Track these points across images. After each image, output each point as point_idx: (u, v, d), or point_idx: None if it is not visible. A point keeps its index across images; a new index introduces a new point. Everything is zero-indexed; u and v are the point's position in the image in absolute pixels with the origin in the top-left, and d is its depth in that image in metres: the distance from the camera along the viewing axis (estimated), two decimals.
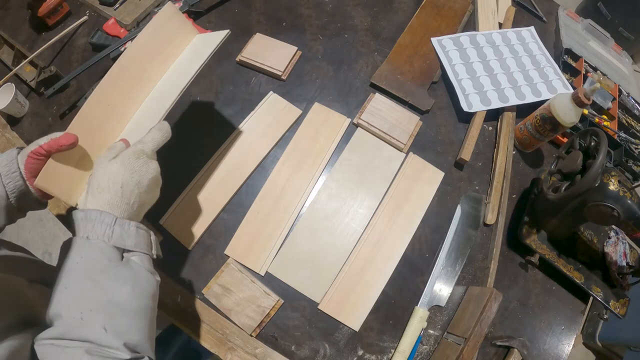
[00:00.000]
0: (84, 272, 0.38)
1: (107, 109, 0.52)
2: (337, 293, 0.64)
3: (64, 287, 0.38)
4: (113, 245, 0.40)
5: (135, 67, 0.54)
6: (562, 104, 0.67)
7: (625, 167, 0.81)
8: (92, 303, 0.37)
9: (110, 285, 0.38)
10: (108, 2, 0.82)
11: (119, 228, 0.41)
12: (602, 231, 0.75)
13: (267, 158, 0.72)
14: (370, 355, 0.62)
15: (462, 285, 0.68)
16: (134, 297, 0.39)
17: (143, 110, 0.55)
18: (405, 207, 0.70)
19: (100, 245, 0.40)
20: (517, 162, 0.79)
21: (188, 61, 0.57)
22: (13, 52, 0.78)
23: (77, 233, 0.41)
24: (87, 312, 0.36)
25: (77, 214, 0.41)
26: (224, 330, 0.61)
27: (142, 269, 0.42)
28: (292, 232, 0.66)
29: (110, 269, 0.39)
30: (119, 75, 0.52)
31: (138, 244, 0.42)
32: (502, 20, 0.92)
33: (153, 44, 0.55)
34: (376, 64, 0.82)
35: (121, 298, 0.38)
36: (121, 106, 0.53)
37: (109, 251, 0.40)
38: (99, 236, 0.40)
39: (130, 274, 0.40)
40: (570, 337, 0.69)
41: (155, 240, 0.46)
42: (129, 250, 0.42)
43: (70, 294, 0.37)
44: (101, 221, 0.40)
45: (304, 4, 0.87)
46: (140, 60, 0.54)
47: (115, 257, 0.40)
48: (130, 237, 0.42)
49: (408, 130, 0.74)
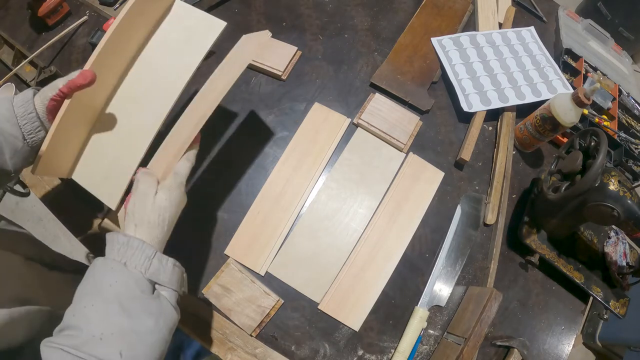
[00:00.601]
0: (115, 297, 0.39)
1: None
2: (337, 293, 0.64)
3: (91, 304, 0.38)
4: (148, 278, 0.41)
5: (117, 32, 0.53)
6: (562, 104, 0.67)
7: (625, 167, 0.81)
8: (115, 327, 0.38)
9: (137, 315, 0.39)
10: (108, 2, 0.82)
11: (157, 262, 0.42)
12: (602, 231, 0.75)
13: (267, 158, 0.72)
14: (370, 355, 0.62)
15: (462, 285, 0.68)
16: (156, 330, 0.40)
17: (133, 82, 0.55)
18: (405, 207, 0.70)
19: (136, 275, 0.40)
20: (517, 162, 0.79)
21: (179, 40, 0.57)
22: (13, 52, 0.78)
23: (112, 254, 0.41)
24: (108, 335, 0.37)
25: (119, 238, 0.42)
26: (224, 330, 0.61)
27: (169, 304, 0.42)
28: (292, 232, 0.66)
29: (140, 300, 0.40)
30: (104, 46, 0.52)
31: (171, 281, 0.43)
32: (502, 20, 0.92)
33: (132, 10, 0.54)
34: (376, 64, 0.82)
35: (144, 329, 0.39)
36: (101, 72, 0.52)
37: (142, 282, 0.41)
38: (137, 266, 0.41)
39: (158, 308, 0.41)
40: (570, 337, 0.69)
41: (186, 277, 0.47)
42: (161, 285, 0.43)
43: (96, 313, 0.38)
44: (142, 251, 0.41)
45: (304, 4, 0.87)
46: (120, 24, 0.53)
47: (147, 290, 0.41)
48: (166, 273, 0.43)
49: (408, 130, 0.74)
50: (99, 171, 0.53)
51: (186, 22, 0.58)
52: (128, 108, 0.55)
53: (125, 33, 0.53)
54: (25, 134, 0.47)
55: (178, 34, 0.57)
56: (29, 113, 0.47)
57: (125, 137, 0.54)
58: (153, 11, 0.56)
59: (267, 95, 0.77)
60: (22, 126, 0.47)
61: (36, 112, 0.48)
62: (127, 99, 0.55)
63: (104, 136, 0.54)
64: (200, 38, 0.55)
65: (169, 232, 0.47)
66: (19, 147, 0.48)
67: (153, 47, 0.57)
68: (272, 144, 0.73)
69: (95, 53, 0.50)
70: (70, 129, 0.50)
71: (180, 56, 0.56)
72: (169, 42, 0.57)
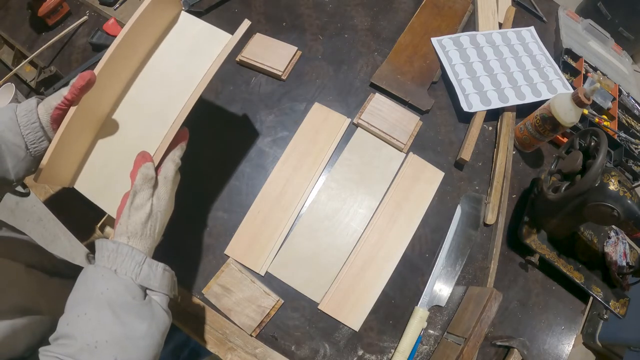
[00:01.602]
0: (107, 304, 0.39)
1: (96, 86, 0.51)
2: (337, 293, 0.64)
3: (84, 313, 0.38)
4: (139, 284, 0.41)
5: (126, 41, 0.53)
6: (562, 104, 0.67)
7: (625, 167, 0.81)
8: (108, 335, 0.38)
9: (130, 321, 0.39)
10: (108, 2, 0.82)
11: (147, 267, 0.42)
12: (602, 231, 0.75)
13: (267, 158, 0.72)
14: (370, 355, 0.62)
15: (462, 285, 0.68)
16: (149, 335, 0.40)
17: (137, 92, 0.55)
18: (405, 207, 0.70)
19: (127, 281, 0.41)
20: (517, 162, 0.79)
21: (185, 51, 0.57)
22: (13, 52, 0.78)
23: (102, 262, 0.41)
24: (102, 342, 0.37)
25: (108, 245, 0.42)
26: (224, 330, 0.61)
27: (161, 309, 0.43)
28: (292, 232, 0.66)
29: (132, 306, 0.40)
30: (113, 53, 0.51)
31: (162, 285, 0.44)
32: (502, 20, 0.92)
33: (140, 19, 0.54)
34: (376, 64, 0.82)
35: (137, 334, 0.39)
36: (107, 80, 0.52)
37: (134, 288, 0.41)
38: (127, 272, 0.41)
39: (150, 313, 0.41)
40: (570, 337, 0.69)
41: (176, 281, 0.47)
42: (152, 290, 0.43)
43: (89, 322, 0.38)
44: (132, 258, 0.42)
45: (304, 4, 0.87)
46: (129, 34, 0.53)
47: (138, 295, 0.41)
48: (156, 277, 0.43)
49: (408, 130, 0.74)
50: (101, 180, 0.53)
51: (192, 34, 0.58)
52: (132, 118, 0.54)
53: (132, 42, 0.53)
54: (28, 143, 0.47)
55: (184, 45, 0.58)
56: (32, 122, 0.47)
57: (129, 147, 0.53)
58: (159, 21, 0.57)
59: (267, 95, 0.77)
60: (25, 135, 0.47)
61: (39, 121, 0.47)
62: (131, 109, 0.55)
63: (107, 145, 0.54)
64: (206, 49, 0.56)
65: (158, 239, 0.47)
66: (22, 156, 0.47)
67: (158, 58, 0.57)
68: (272, 144, 0.73)
69: (103, 61, 0.49)
70: (74, 138, 0.50)
71: (186, 67, 0.56)
72: (174, 52, 0.57)
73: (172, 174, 0.48)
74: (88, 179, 0.53)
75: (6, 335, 0.42)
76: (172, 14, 0.58)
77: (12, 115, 0.46)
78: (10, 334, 0.42)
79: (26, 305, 0.47)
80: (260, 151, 0.72)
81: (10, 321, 0.43)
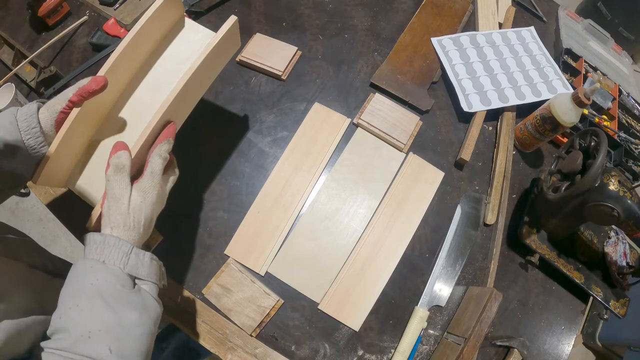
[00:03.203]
0: (98, 294, 0.39)
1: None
2: (337, 293, 0.64)
3: (75, 305, 0.38)
4: (127, 273, 0.42)
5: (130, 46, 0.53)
6: (562, 104, 0.67)
7: (625, 167, 0.81)
8: (101, 324, 0.38)
9: (121, 309, 0.39)
10: (108, 2, 0.82)
11: (134, 257, 0.43)
12: (602, 231, 0.75)
13: (267, 158, 0.72)
14: (370, 355, 0.62)
15: (462, 285, 0.68)
16: (140, 323, 0.40)
17: (138, 96, 0.55)
18: (405, 207, 0.70)
19: (116, 271, 0.41)
20: (517, 162, 0.79)
21: (187, 56, 0.57)
22: (13, 52, 0.78)
23: (91, 254, 0.41)
24: (95, 332, 0.37)
25: (96, 237, 0.42)
26: (224, 330, 0.61)
27: (151, 297, 0.43)
28: (292, 232, 0.66)
29: (122, 294, 0.40)
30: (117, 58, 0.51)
31: (150, 274, 0.44)
32: (502, 20, 0.92)
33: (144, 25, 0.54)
34: (376, 64, 0.82)
35: (129, 322, 0.39)
36: (110, 83, 0.52)
37: (123, 277, 0.41)
38: (115, 262, 0.41)
39: (140, 301, 0.41)
40: (570, 337, 0.69)
41: (164, 271, 0.47)
42: (140, 279, 0.43)
43: (81, 313, 0.38)
44: (119, 248, 0.42)
45: (304, 4, 0.87)
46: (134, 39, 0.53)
47: (128, 284, 0.41)
48: (144, 266, 0.43)
49: (408, 130, 0.74)
50: (100, 183, 0.53)
51: (195, 39, 0.58)
52: (131, 121, 0.54)
53: (136, 45, 0.53)
54: (28, 148, 0.47)
55: (184, 51, 0.58)
56: (33, 127, 0.46)
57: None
58: (162, 24, 0.56)
59: (267, 95, 0.77)
60: (26, 141, 0.46)
61: (40, 126, 0.47)
62: (130, 112, 0.55)
63: (106, 148, 0.54)
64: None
65: (146, 233, 0.46)
66: (22, 160, 0.47)
67: (158, 62, 0.57)
68: (272, 144, 0.73)
69: (109, 63, 0.49)
70: (74, 142, 0.50)
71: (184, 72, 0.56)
72: (174, 58, 0.57)
73: (158, 167, 0.47)
74: (87, 181, 0.53)
75: (11, 335, 0.42)
76: (174, 17, 0.58)
77: (12, 120, 0.46)
78: (15, 333, 0.42)
79: (30, 305, 0.47)
80: (260, 151, 0.72)
81: (15, 321, 0.43)
